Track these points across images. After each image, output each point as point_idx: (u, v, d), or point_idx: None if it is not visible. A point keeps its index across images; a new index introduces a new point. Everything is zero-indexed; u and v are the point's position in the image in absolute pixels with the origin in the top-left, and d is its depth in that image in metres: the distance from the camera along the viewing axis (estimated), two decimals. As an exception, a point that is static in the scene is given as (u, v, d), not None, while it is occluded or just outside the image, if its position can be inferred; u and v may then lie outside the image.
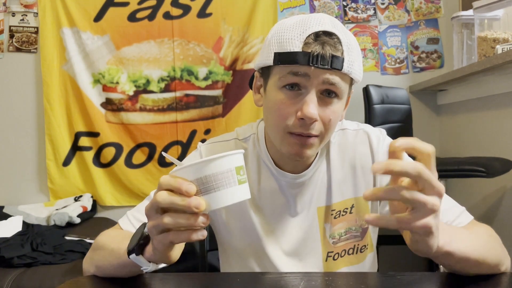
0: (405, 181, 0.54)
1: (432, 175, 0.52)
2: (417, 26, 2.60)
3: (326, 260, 0.89)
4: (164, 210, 0.57)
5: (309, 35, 0.72)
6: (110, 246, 0.75)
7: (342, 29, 0.75)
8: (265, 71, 0.79)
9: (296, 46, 0.72)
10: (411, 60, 2.61)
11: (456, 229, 0.72)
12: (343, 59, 0.72)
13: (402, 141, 0.52)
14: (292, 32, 0.73)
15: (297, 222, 0.88)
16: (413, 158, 0.55)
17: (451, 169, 1.67)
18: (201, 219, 0.55)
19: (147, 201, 0.89)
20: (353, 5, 2.61)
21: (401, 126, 2.21)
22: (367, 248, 0.91)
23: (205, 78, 2.58)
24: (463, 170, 1.63)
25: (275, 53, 0.74)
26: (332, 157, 0.87)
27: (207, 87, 2.59)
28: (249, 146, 0.89)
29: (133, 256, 0.64)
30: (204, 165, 0.55)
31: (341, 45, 0.73)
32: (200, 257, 1.27)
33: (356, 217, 0.88)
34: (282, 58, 0.73)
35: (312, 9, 2.60)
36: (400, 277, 0.71)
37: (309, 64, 0.71)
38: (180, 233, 0.57)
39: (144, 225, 0.66)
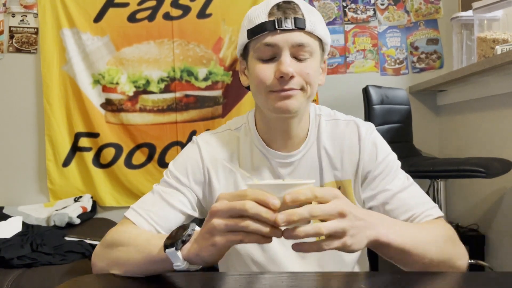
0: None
1: (318, 189, 0.62)
2: (417, 27, 2.60)
3: (319, 238, 0.91)
4: (239, 216, 0.61)
5: (271, 7, 0.83)
6: (136, 242, 0.77)
7: (302, 1, 0.86)
8: (245, 52, 0.90)
9: (262, 18, 0.84)
10: (411, 61, 2.61)
11: (399, 223, 0.78)
12: (305, 19, 0.82)
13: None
14: (258, 9, 0.86)
15: None
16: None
17: (451, 169, 1.67)
18: (279, 232, 0.60)
19: (152, 194, 0.94)
20: (353, 5, 2.61)
21: (400, 127, 2.21)
22: None
23: (205, 79, 2.58)
24: (463, 170, 1.63)
25: (247, 30, 0.86)
26: (322, 141, 0.94)
27: (207, 88, 2.59)
28: (241, 135, 0.96)
29: (171, 250, 0.66)
30: (290, 187, 0.60)
31: (300, 9, 0.84)
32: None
33: None
34: (253, 31, 0.84)
35: (312, 9, 2.60)
36: (400, 277, 0.71)
37: (275, 29, 0.81)
38: (251, 235, 0.61)
39: (185, 226, 0.69)
